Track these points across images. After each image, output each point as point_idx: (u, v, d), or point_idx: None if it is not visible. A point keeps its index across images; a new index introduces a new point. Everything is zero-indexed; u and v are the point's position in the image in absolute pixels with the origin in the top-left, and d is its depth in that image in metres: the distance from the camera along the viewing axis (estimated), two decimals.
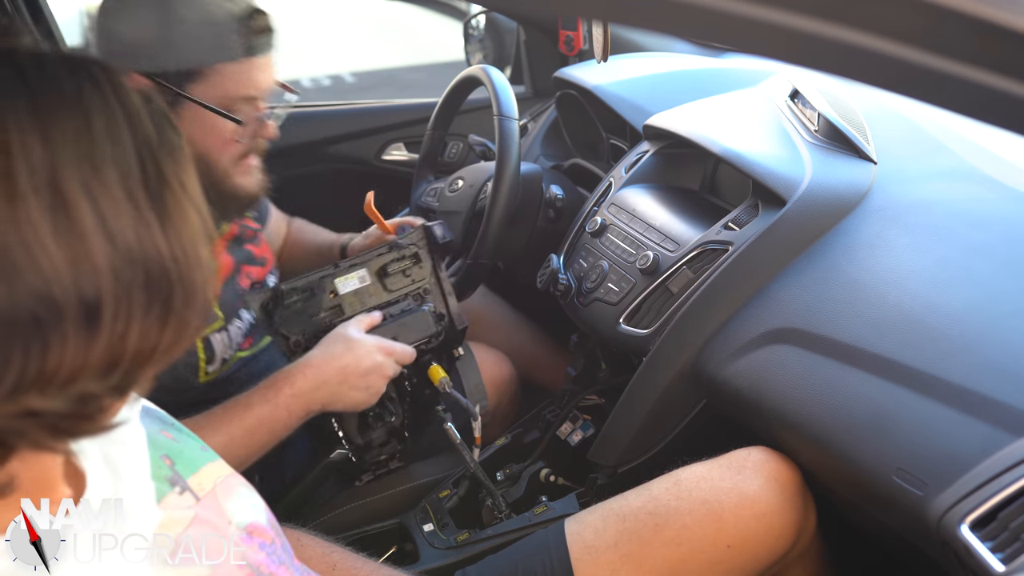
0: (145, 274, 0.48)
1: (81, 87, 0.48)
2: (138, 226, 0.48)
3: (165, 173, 0.50)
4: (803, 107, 1.41)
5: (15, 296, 0.44)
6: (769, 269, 1.19)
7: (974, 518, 0.82)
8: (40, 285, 0.44)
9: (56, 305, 0.45)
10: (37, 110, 0.46)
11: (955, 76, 0.49)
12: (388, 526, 1.36)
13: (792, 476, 1.09)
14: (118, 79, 0.50)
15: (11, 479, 0.49)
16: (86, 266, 0.45)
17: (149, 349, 0.49)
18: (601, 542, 1.07)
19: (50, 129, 0.46)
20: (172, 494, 0.60)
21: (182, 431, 0.69)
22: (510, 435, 1.46)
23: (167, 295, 0.49)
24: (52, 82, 0.47)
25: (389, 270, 1.33)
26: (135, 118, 0.49)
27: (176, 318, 0.50)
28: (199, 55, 1.14)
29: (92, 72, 0.49)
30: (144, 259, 0.48)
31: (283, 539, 0.69)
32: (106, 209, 0.46)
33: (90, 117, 0.47)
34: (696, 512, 1.06)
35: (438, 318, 1.33)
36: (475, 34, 2.26)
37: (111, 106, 0.48)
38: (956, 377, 0.93)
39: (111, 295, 0.46)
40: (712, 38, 0.54)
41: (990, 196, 1.21)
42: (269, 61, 1.21)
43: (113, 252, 0.46)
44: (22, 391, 0.45)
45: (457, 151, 1.87)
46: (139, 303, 0.48)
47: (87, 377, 0.47)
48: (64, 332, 0.45)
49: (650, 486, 1.12)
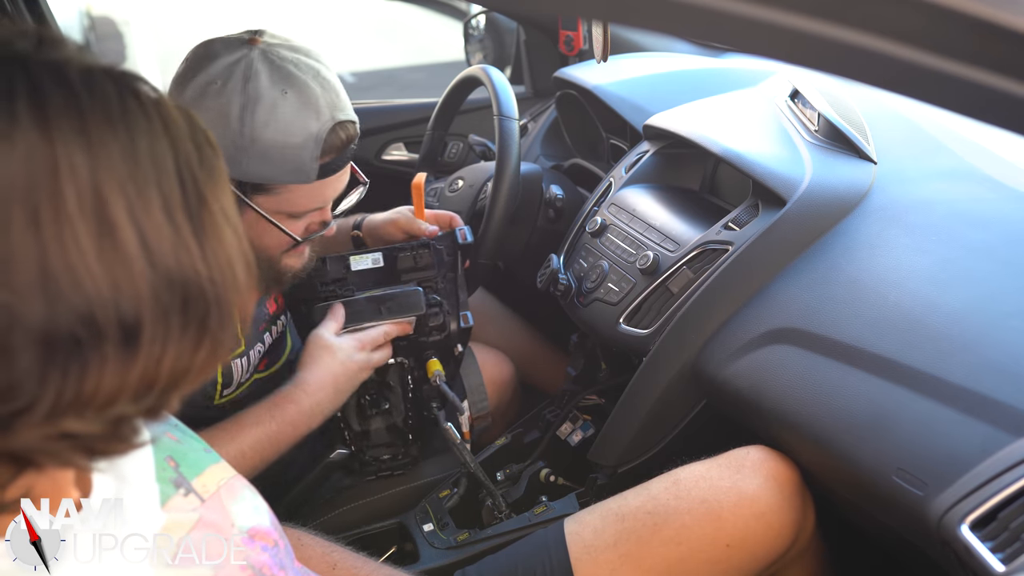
0: (184, 296, 0.47)
1: (127, 106, 0.47)
2: (178, 248, 0.47)
3: (204, 194, 0.49)
4: (803, 107, 1.41)
5: (57, 317, 0.43)
6: (769, 269, 1.19)
7: (974, 518, 0.82)
8: (82, 306, 0.44)
9: (97, 327, 0.44)
10: (85, 130, 0.45)
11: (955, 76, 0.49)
12: (388, 526, 1.36)
13: (791, 475, 1.09)
14: (161, 97, 0.50)
15: (28, 491, 0.49)
16: (128, 289, 0.45)
17: (183, 370, 0.49)
18: (600, 542, 1.07)
19: (96, 150, 0.45)
20: (177, 496, 0.60)
21: (186, 432, 0.69)
22: (510, 435, 1.46)
23: (203, 316, 0.49)
24: (100, 100, 0.46)
25: (400, 257, 1.34)
26: (178, 141, 0.49)
27: (211, 339, 0.49)
28: (271, 175, 1.09)
29: (136, 89, 0.49)
30: (183, 281, 0.47)
31: (286, 542, 0.69)
32: (148, 232, 0.46)
33: (135, 137, 0.47)
34: (695, 511, 1.06)
35: (434, 304, 1.32)
36: (475, 34, 2.26)
37: (155, 126, 0.48)
38: (956, 377, 0.93)
39: (150, 318, 0.46)
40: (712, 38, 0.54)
41: (990, 196, 1.21)
42: (345, 171, 1.17)
43: (154, 275, 0.46)
44: (59, 413, 0.45)
45: (457, 151, 1.87)
46: (176, 325, 0.47)
47: (124, 400, 0.47)
48: (104, 354, 0.45)
49: (649, 486, 1.12)
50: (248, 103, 1.05)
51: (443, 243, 1.37)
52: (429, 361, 1.32)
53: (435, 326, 1.32)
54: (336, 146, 1.11)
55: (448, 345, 1.34)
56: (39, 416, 0.44)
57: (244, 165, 1.07)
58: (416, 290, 1.29)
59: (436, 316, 1.31)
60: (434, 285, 1.35)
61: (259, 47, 1.08)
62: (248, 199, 1.10)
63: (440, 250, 1.36)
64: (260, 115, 1.05)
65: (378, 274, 1.33)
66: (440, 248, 1.36)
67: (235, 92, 1.05)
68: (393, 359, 1.34)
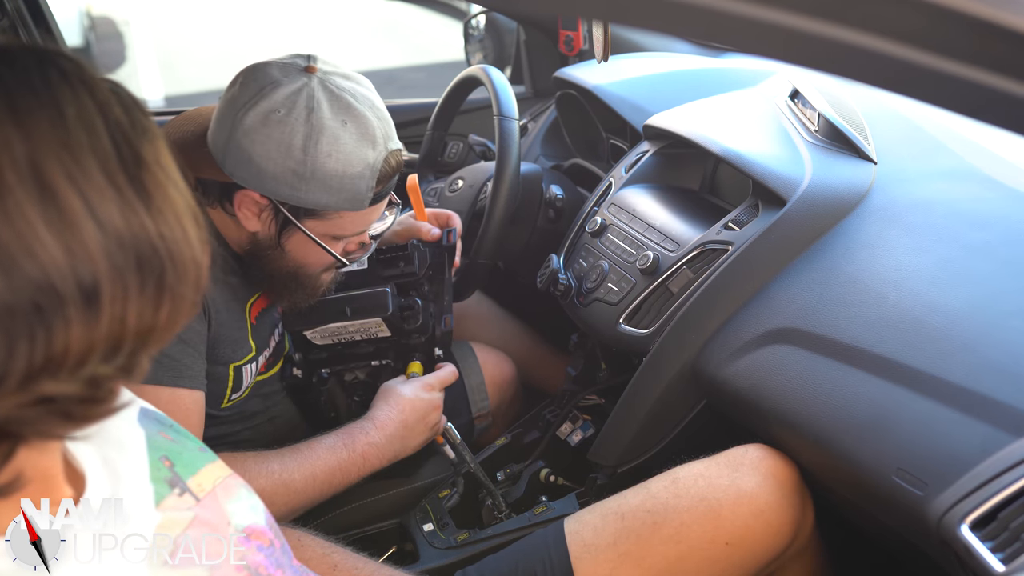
0: (136, 255, 0.48)
1: (49, 78, 0.48)
2: (124, 209, 0.48)
3: (142, 154, 0.50)
4: (803, 107, 1.41)
5: (15, 287, 0.44)
6: (769, 269, 1.19)
7: (974, 518, 0.82)
8: (38, 274, 0.45)
9: (56, 292, 0.45)
10: (11, 105, 0.46)
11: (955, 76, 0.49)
12: (388, 526, 1.37)
13: (789, 473, 1.09)
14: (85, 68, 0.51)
15: (19, 475, 0.49)
16: (80, 252, 0.46)
17: (148, 327, 0.50)
18: (600, 540, 1.07)
19: (26, 121, 0.46)
20: (171, 496, 0.60)
21: (180, 432, 0.69)
22: (510, 435, 1.46)
23: (159, 273, 0.50)
24: (22, 75, 0.48)
25: (381, 260, 1.35)
26: (105, 105, 0.50)
27: (171, 295, 0.51)
28: (327, 203, 1.11)
29: (59, 64, 0.50)
30: (134, 240, 0.48)
31: (282, 541, 0.69)
32: (91, 195, 0.47)
33: (62, 107, 0.48)
34: (694, 510, 1.06)
35: (407, 306, 1.33)
36: (475, 34, 2.26)
37: (80, 95, 0.49)
38: (956, 377, 0.93)
39: (107, 278, 0.47)
40: (712, 38, 0.54)
41: (990, 196, 1.21)
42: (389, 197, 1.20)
43: (104, 236, 0.47)
44: (34, 378, 0.46)
45: (457, 151, 1.87)
46: (134, 284, 0.48)
47: (95, 359, 0.48)
48: (67, 317, 0.46)
49: (648, 484, 1.12)
50: (312, 133, 1.07)
51: (428, 245, 1.37)
52: (411, 363, 1.34)
53: (414, 328, 1.32)
54: (388, 175, 1.14)
55: (430, 347, 1.35)
56: (13, 384, 0.45)
57: (303, 192, 1.09)
58: (383, 291, 1.30)
59: (412, 318, 1.31)
60: (419, 288, 1.35)
61: (317, 76, 1.10)
62: (300, 222, 1.13)
63: (424, 251, 1.36)
64: (323, 146, 1.07)
65: (362, 277, 1.34)
66: (424, 250, 1.36)
67: (299, 122, 1.07)
68: (378, 361, 1.34)
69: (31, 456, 0.51)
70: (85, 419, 0.50)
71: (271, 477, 1.14)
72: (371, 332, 1.32)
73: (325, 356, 1.36)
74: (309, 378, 1.37)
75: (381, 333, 1.32)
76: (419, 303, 1.32)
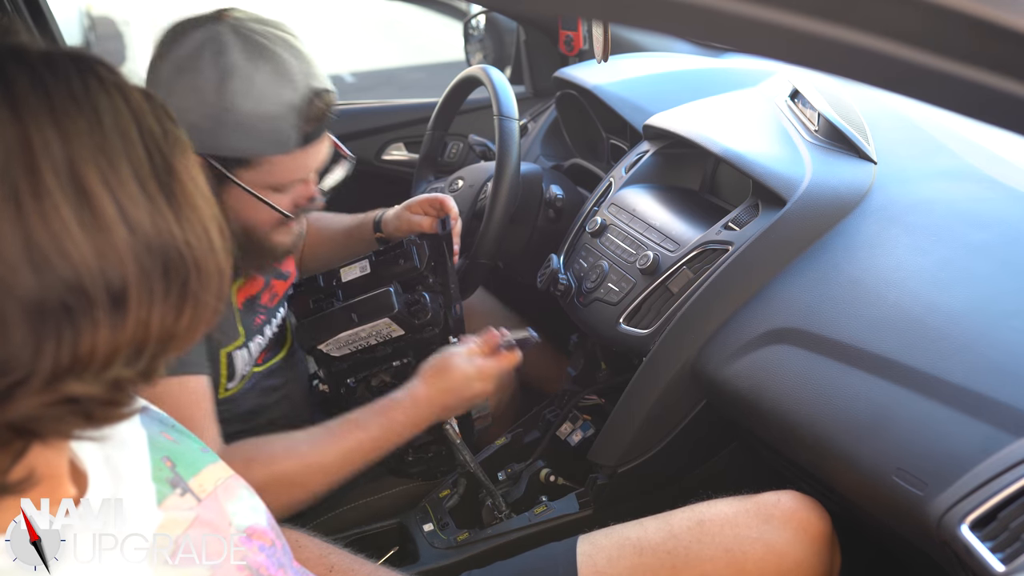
0: (164, 261, 0.50)
1: (88, 84, 0.49)
2: (154, 216, 0.49)
3: (172, 164, 0.52)
4: (803, 107, 1.41)
5: (46, 286, 0.45)
6: (769, 269, 1.19)
7: (974, 518, 0.82)
8: (70, 275, 0.46)
9: (86, 294, 0.46)
10: (52, 107, 0.47)
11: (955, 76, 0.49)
12: (388, 526, 1.36)
13: (822, 526, 1.04)
14: (120, 76, 0.52)
15: (31, 472, 0.50)
16: (111, 255, 0.47)
17: (170, 332, 0.51)
18: (613, 571, 1.03)
19: (65, 125, 0.47)
20: (173, 496, 0.61)
21: (183, 432, 0.69)
22: (510, 435, 1.46)
23: (184, 280, 0.51)
24: (63, 80, 0.49)
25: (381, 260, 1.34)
26: (139, 113, 0.51)
27: (193, 301, 0.52)
28: (250, 146, 1.09)
29: (97, 70, 0.50)
30: (162, 247, 0.49)
31: (283, 541, 0.69)
32: (124, 200, 0.48)
33: (99, 113, 0.49)
34: (718, 560, 1.02)
35: (414, 302, 1.32)
36: (475, 34, 2.27)
37: (116, 102, 0.50)
38: (956, 377, 0.93)
39: (135, 282, 0.48)
40: (712, 38, 0.54)
41: (990, 196, 1.21)
42: (324, 141, 1.17)
43: (134, 241, 0.48)
44: (60, 378, 0.46)
45: (457, 151, 1.87)
46: (159, 289, 0.49)
47: (119, 362, 0.49)
48: (95, 319, 0.47)
49: (671, 519, 1.07)
50: (223, 76, 1.06)
51: (422, 237, 1.36)
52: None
53: (425, 322, 1.31)
54: (313, 115, 1.12)
55: (445, 337, 1.34)
56: (39, 383, 0.46)
57: (224, 139, 1.08)
58: (386, 291, 1.29)
59: (421, 312, 1.30)
60: (425, 281, 1.35)
61: (228, 22, 1.09)
62: (231, 174, 1.11)
63: (422, 244, 1.35)
64: (236, 87, 1.06)
65: (366, 281, 1.33)
66: (422, 243, 1.35)
67: (209, 66, 1.06)
68: (399, 360, 1.34)
69: (44, 454, 0.51)
70: (105, 420, 0.51)
71: (303, 459, 1.13)
72: (384, 334, 1.31)
73: (346, 366, 1.36)
74: (337, 390, 1.36)
75: (394, 333, 1.31)
76: (426, 296, 1.32)
